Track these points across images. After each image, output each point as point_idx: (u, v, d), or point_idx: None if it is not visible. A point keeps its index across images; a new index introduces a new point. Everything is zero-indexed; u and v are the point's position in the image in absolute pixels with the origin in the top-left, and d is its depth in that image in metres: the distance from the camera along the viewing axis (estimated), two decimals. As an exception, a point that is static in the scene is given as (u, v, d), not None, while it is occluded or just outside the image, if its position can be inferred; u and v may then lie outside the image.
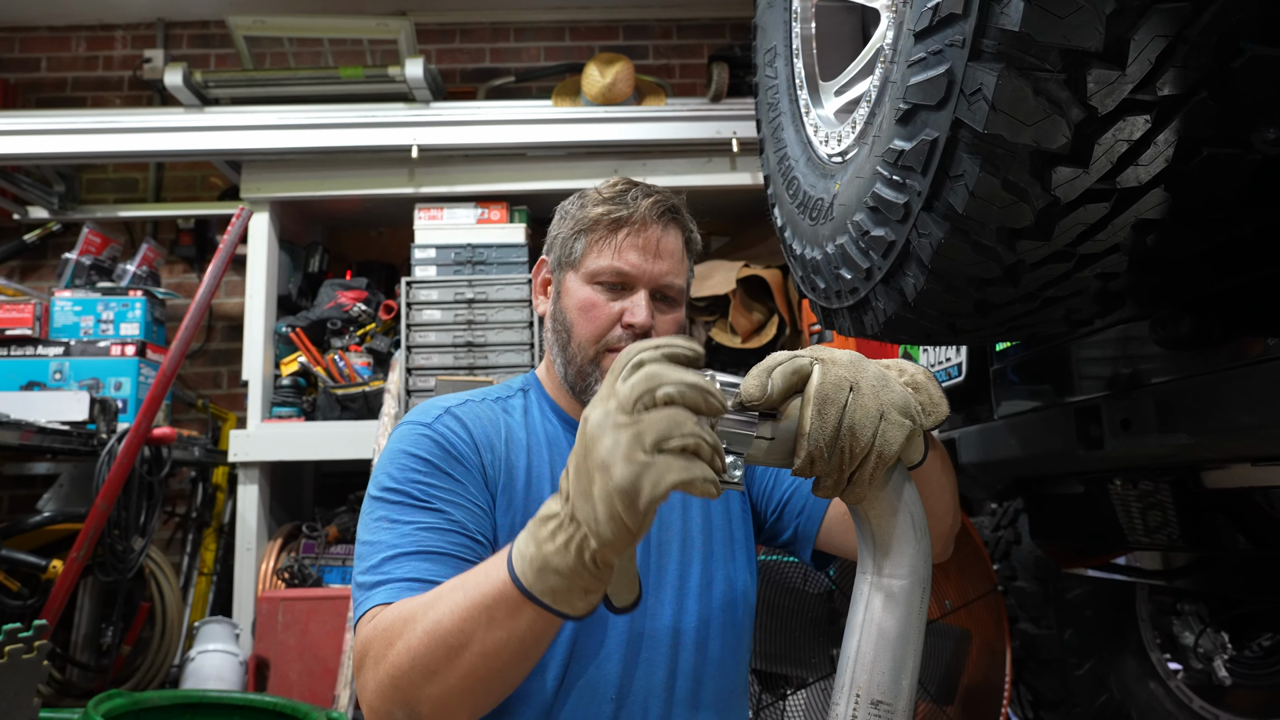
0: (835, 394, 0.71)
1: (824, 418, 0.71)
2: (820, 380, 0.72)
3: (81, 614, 3.30)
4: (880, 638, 0.70)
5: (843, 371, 0.73)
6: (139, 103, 4.08)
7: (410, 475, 1.02)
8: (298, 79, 3.57)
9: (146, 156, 3.67)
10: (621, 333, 1.13)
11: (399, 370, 3.19)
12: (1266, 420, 0.88)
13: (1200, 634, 2.06)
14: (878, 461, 0.71)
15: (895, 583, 0.72)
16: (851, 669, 0.70)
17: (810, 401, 0.71)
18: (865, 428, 0.71)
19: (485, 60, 4.19)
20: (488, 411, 1.15)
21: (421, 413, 1.12)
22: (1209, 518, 1.35)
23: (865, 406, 0.72)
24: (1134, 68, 0.70)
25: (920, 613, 0.72)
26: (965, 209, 0.79)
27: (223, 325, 3.98)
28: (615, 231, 1.16)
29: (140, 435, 2.55)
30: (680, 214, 1.20)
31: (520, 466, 1.11)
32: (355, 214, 3.89)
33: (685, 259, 1.22)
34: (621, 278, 1.15)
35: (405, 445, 1.06)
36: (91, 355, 3.21)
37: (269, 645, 2.85)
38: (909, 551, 0.73)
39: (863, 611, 0.72)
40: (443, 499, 1.01)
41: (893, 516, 0.73)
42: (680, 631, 1.09)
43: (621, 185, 1.20)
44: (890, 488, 0.74)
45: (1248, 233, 0.92)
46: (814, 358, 0.75)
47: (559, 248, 1.21)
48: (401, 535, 0.97)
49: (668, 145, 3.45)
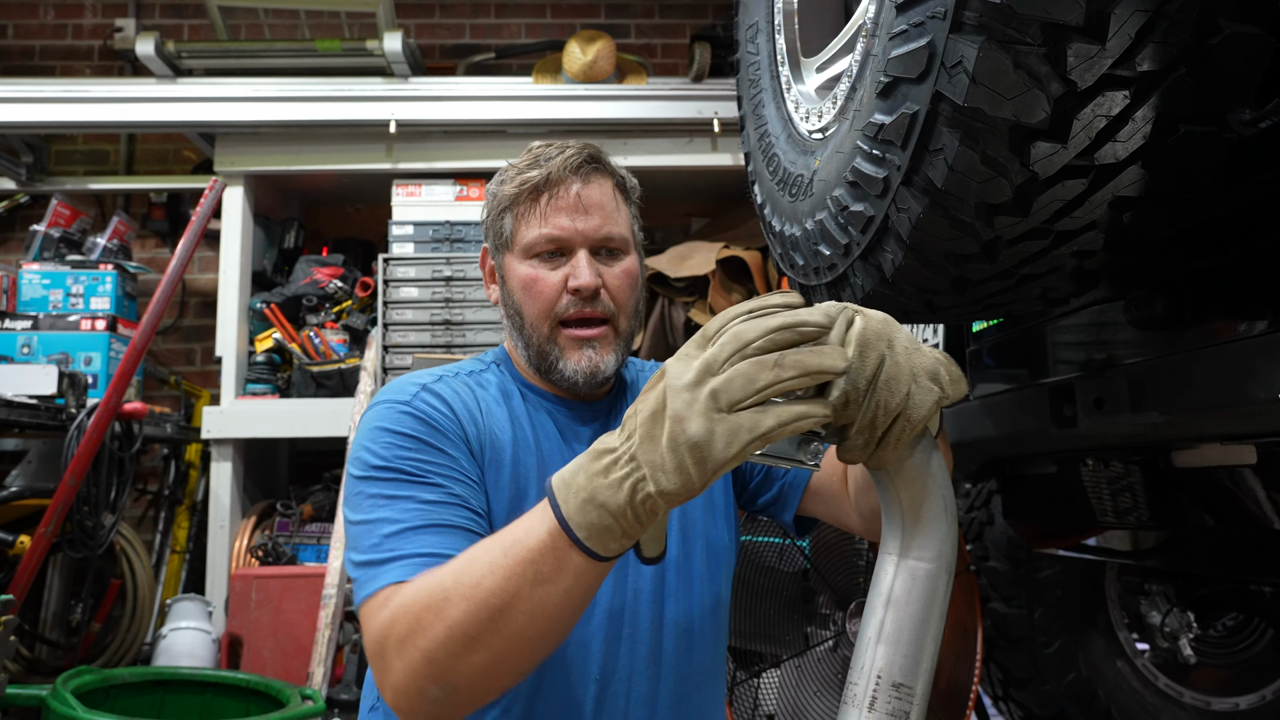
0: (875, 341, 0.68)
1: (864, 359, 0.67)
2: (863, 326, 0.69)
3: (51, 591, 3.26)
4: (903, 620, 0.69)
5: (880, 326, 0.70)
6: (110, 73, 4.00)
7: (398, 452, 0.98)
8: (273, 51, 3.51)
9: (117, 127, 3.60)
10: (569, 299, 1.09)
11: (375, 348, 3.17)
12: (1234, 399, 0.89)
13: (1166, 614, 2.10)
14: (905, 424, 0.68)
15: (921, 565, 0.70)
16: (873, 650, 0.69)
17: (853, 342, 0.67)
18: (900, 383, 0.68)
19: (465, 36, 4.14)
20: (463, 386, 1.12)
21: (397, 390, 1.07)
22: (1177, 497, 1.37)
23: (899, 364, 0.69)
24: (1114, 42, 0.70)
25: (944, 597, 0.70)
26: (944, 183, 0.79)
27: (196, 301, 3.93)
28: (536, 199, 1.11)
29: (110, 410, 2.52)
30: (600, 161, 1.15)
31: (504, 442, 1.08)
32: (332, 190, 3.84)
33: (621, 204, 1.16)
34: (555, 243, 1.10)
35: (386, 423, 1.01)
36: (61, 329, 3.16)
37: (242, 623, 2.83)
38: (938, 534, 0.71)
39: (886, 591, 0.70)
40: (438, 473, 0.97)
41: (924, 495, 0.71)
42: (661, 605, 1.09)
43: (536, 150, 1.15)
44: (920, 460, 0.71)
45: (1221, 214, 0.93)
46: (854, 311, 0.72)
47: (491, 232, 1.17)
48: (404, 510, 0.92)
49: (649, 125, 3.43)
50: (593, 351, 1.09)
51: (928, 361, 0.71)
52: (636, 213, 1.20)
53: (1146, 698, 2.18)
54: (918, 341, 0.73)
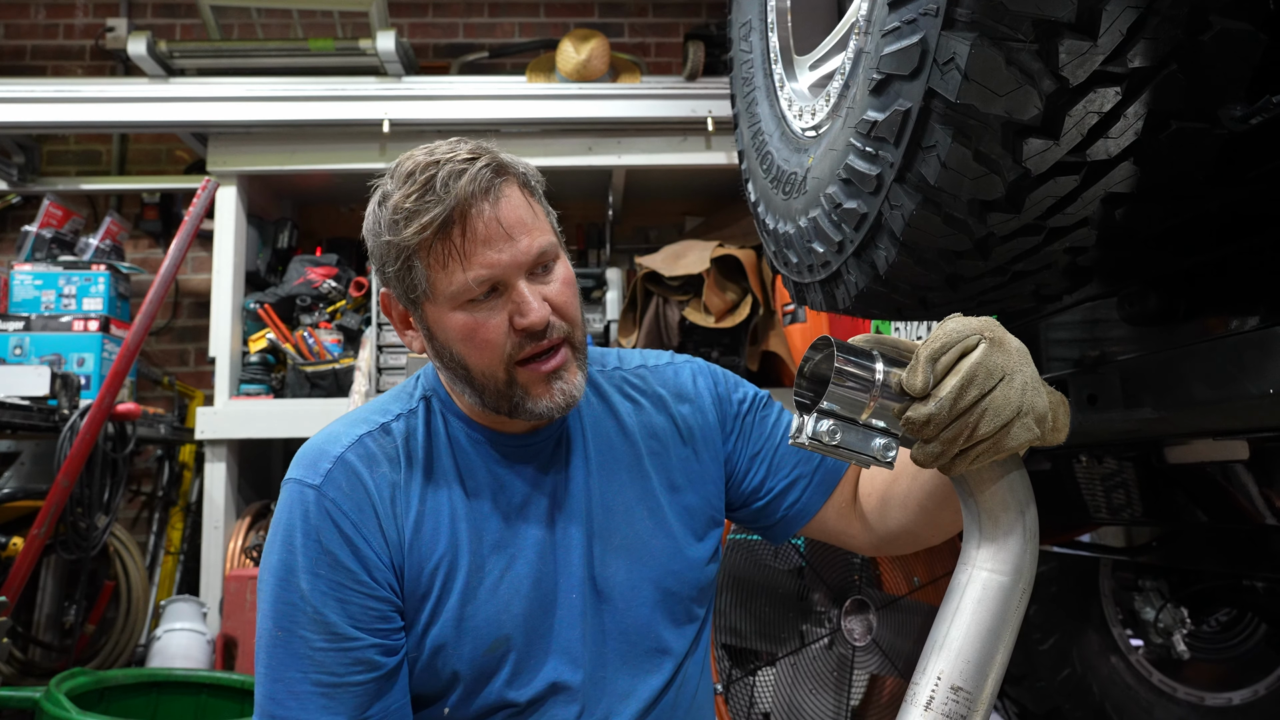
0: (985, 380, 0.72)
1: (960, 399, 0.72)
2: (977, 361, 0.72)
3: (44, 593, 3.25)
4: (973, 629, 0.70)
5: (1002, 360, 0.73)
6: (101, 73, 3.98)
7: (301, 591, 0.94)
8: (266, 50, 3.50)
9: (109, 127, 3.58)
10: (519, 339, 0.97)
11: (370, 348, 3.16)
12: (1226, 394, 0.90)
13: (1160, 609, 2.10)
14: (992, 450, 0.72)
15: (997, 578, 0.71)
16: (938, 653, 0.70)
17: (959, 374, 0.72)
18: (999, 416, 0.72)
19: (459, 35, 4.13)
20: (385, 451, 1.01)
21: (308, 465, 0.99)
22: (1170, 493, 1.37)
23: (1009, 399, 0.72)
24: (1105, 39, 0.70)
25: (1018, 612, 0.72)
26: (937, 180, 0.79)
27: (189, 302, 3.92)
28: (448, 238, 0.94)
29: (103, 411, 2.51)
30: (503, 165, 0.99)
31: (431, 541, 1.00)
32: (325, 189, 3.83)
33: (535, 205, 1.01)
34: (486, 284, 0.95)
35: (293, 533, 0.96)
36: (53, 330, 3.15)
37: (237, 624, 2.82)
38: (1016, 549, 0.73)
39: (958, 600, 0.72)
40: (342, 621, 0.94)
41: (1007, 511, 0.73)
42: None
43: (420, 177, 0.95)
44: (1010, 480, 0.74)
45: (1213, 210, 0.94)
46: (985, 335, 0.75)
47: (395, 284, 1.00)
48: (302, 669, 0.92)
49: (642, 123, 3.42)
50: (561, 382, 0.99)
51: (1041, 404, 0.74)
52: (546, 202, 1.06)
53: (1140, 693, 2.19)
54: (1041, 382, 0.76)
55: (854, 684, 1.92)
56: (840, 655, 1.91)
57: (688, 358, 1.22)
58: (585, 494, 1.07)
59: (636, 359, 1.21)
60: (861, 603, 1.91)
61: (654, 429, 1.13)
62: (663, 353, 1.23)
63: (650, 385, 1.17)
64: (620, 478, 1.09)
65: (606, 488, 1.08)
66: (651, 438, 1.13)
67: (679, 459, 1.13)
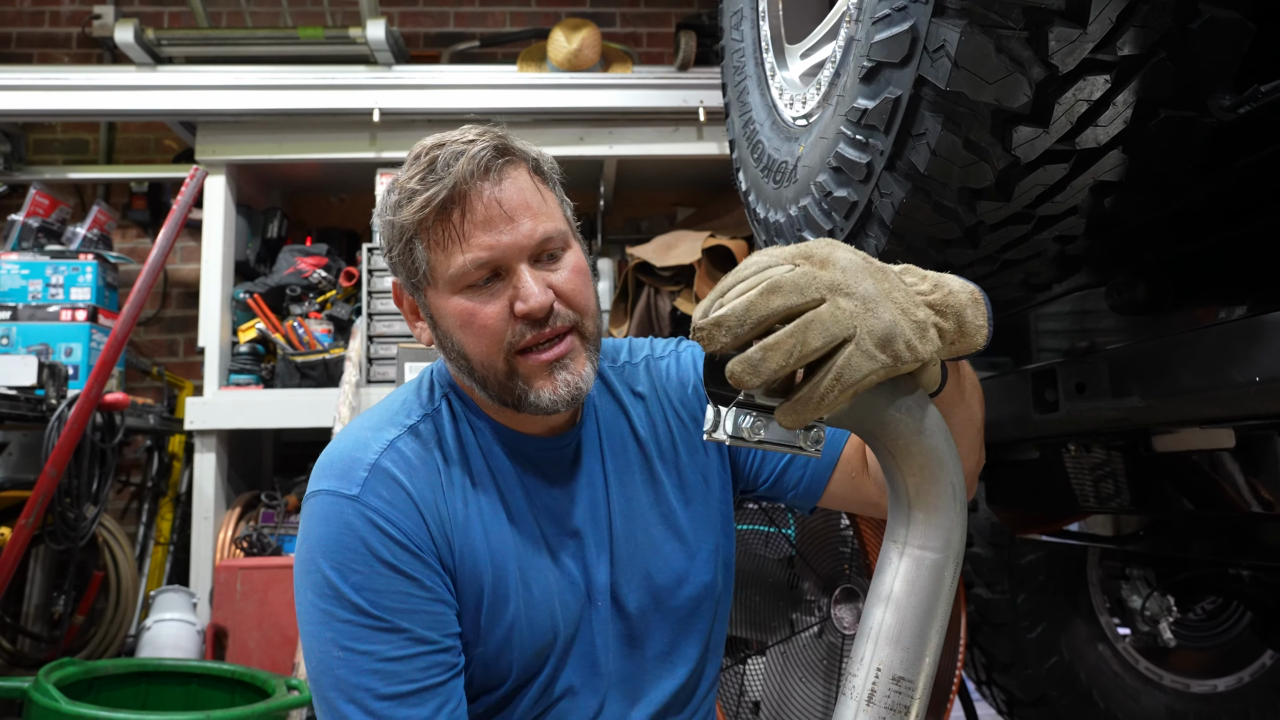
0: (792, 292, 0.61)
1: (754, 308, 0.61)
2: (783, 275, 0.62)
3: (33, 584, 3.24)
4: (906, 612, 0.66)
5: (826, 276, 0.62)
6: (88, 60, 3.95)
7: (368, 587, 0.90)
8: (255, 39, 3.47)
9: (96, 115, 3.55)
10: (520, 326, 0.93)
11: (360, 338, 3.15)
12: (1213, 383, 0.90)
13: (1147, 598, 2.12)
14: (834, 384, 0.61)
15: (927, 555, 0.67)
16: (873, 642, 0.66)
17: (755, 284, 0.62)
18: (819, 333, 0.60)
19: (449, 24, 4.11)
20: (419, 455, 0.97)
21: (339, 475, 0.94)
22: (1158, 482, 1.38)
23: (836, 318, 0.61)
24: (1095, 26, 0.70)
25: (950, 589, 0.67)
26: (927, 168, 0.79)
27: (178, 292, 3.89)
28: (447, 219, 0.92)
29: (91, 400, 2.49)
30: (509, 148, 0.96)
31: (476, 540, 0.97)
32: (315, 179, 3.81)
33: (545, 191, 0.98)
34: (487, 267, 0.92)
35: (337, 547, 0.91)
36: (40, 320, 3.13)
37: (227, 614, 2.82)
38: (945, 522, 0.67)
39: (889, 582, 0.67)
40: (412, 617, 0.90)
41: (930, 479, 0.67)
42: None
43: (426, 153, 0.94)
44: (931, 441, 0.66)
45: (1202, 199, 0.94)
46: (802, 257, 0.64)
47: (400, 269, 0.98)
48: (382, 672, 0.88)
49: (634, 113, 3.41)
50: (566, 372, 0.95)
51: (880, 324, 0.62)
52: (563, 193, 1.03)
53: (1127, 680, 2.21)
54: (891, 293, 0.65)
55: (843, 672, 1.93)
56: (830, 644, 1.92)
57: (690, 343, 1.16)
58: (605, 500, 1.05)
59: (644, 350, 1.17)
60: (851, 591, 1.92)
61: (663, 429, 1.10)
62: (669, 341, 1.19)
63: (657, 380, 1.13)
64: (634, 483, 1.07)
65: (622, 494, 1.06)
66: (661, 439, 1.10)
67: (688, 458, 1.10)
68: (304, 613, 0.92)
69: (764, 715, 1.89)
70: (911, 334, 0.64)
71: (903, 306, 0.65)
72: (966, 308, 0.69)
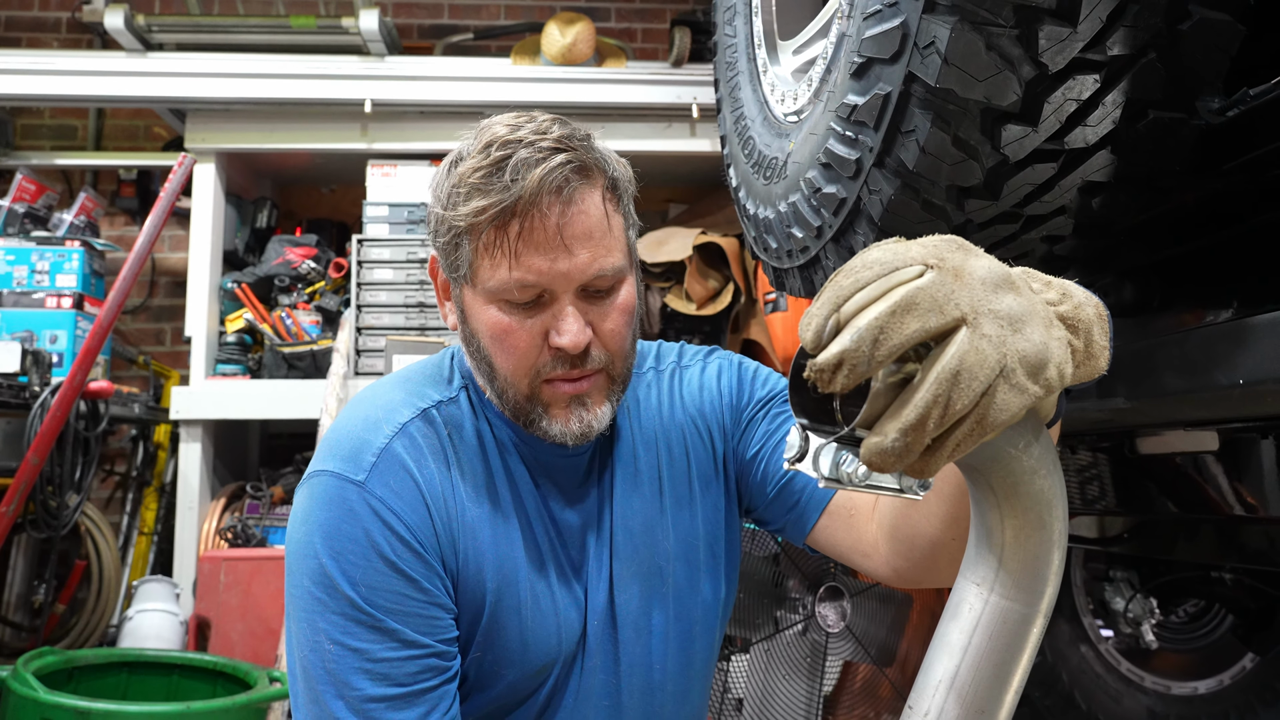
0: (929, 304, 0.48)
1: (899, 323, 0.47)
2: (919, 287, 0.48)
3: (14, 572, 3.21)
4: (982, 669, 0.57)
5: (962, 288, 0.49)
6: (78, 46, 3.91)
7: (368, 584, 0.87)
8: (247, 26, 3.45)
9: (85, 101, 3.52)
10: (553, 357, 0.89)
11: (349, 329, 3.14)
12: (1197, 385, 0.90)
13: (1130, 600, 2.13)
14: (974, 430, 0.49)
15: (1015, 607, 0.56)
16: (943, 696, 0.57)
17: (885, 298, 0.48)
18: (967, 392, 0.47)
19: (443, 16, 4.09)
20: (431, 443, 0.93)
21: (346, 457, 0.89)
22: (1141, 484, 1.39)
23: (983, 359, 0.48)
24: (1085, 25, 0.70)
25: (1033, 651, 0.58)
26: (916, 165, 0.79)
27: (166, 280, 3.87)
28: (504, 228, 0.86)
29: (75, 388, 2.47)
30: (587, 166, 0.88)
31: (484, 542, 0.94)
32: (306, 169, 3.79)
33: (613, 216, 0.91)
34: (531, 290, 0.87)
35: (336, 535, 0.87)
36: (25, 307, 3.10)
37: (210, 605, 2.80)
38: (1042, 573, 0.56)
39: (968, 632, 0.57)
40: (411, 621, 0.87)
41: (1035, 528, 0.55)
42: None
43: (494, 155, 0.86)
44: (1038, 480, 0.55)
45: (1189, 201, 0.94)
46: (930, 264, 0.50)
47: (443, 255, 0.94)
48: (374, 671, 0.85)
49: (627, 109, 3.41)
50: (584, 410, 0.92)
51: (1031, 346, 0.50)
52: (631, 210, 0.96)
53: (1109, 682, 2.22)
54: (1030, 307, 0.51)
55: (827, 671, 1.94)
56: (814, 641, 1.93)
57: (723, 354, 1.13)
58: (610, 515, 1.02)
59: (671, 356, 1.13)
60: (836, 589, 1.92)
61: (676, 444, 1.06)
62: (699, 350, 1.14)
63: (679, 390, 1.09)
64: (641, 497, 1.03)
65: (627, 508, 1.03)
66: (675, 451, 1.06)
67: (699, 472, 1.06)
68: (295, 596, 0.89)
69: (747, 712, 1.89)
70: (1061, 354, 0.52)
71: (1047, 320, 0.52)
72: (1094, 324, 0.56)
